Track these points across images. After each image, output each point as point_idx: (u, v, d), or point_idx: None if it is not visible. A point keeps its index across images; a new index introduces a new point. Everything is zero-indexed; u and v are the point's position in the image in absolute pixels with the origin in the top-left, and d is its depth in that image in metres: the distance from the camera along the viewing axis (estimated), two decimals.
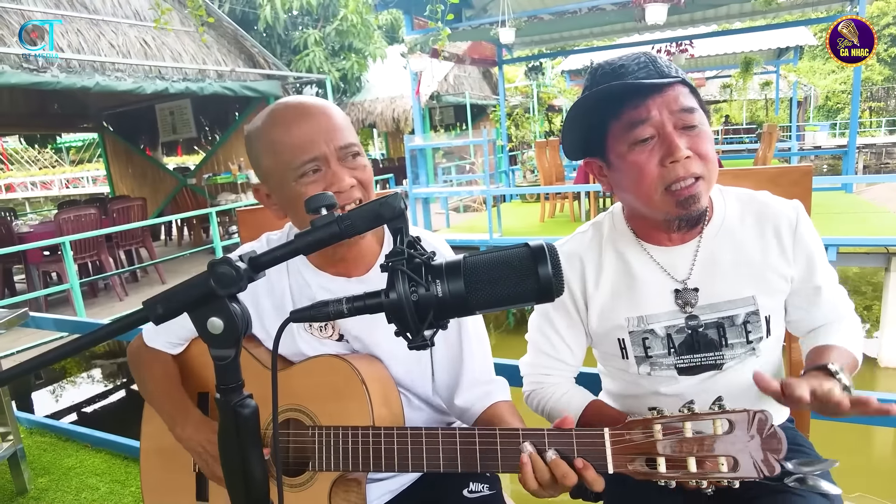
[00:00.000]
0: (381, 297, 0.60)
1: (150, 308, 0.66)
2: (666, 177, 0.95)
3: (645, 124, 0.94)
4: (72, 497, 2.65)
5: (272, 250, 0.62)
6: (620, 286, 1.10)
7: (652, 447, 0.78)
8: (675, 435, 0.77)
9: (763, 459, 0.74)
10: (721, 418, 0.75)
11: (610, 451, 0.80)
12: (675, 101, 0.94)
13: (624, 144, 0.97)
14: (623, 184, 1.02)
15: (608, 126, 0.99)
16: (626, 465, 0.79)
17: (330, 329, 1.13)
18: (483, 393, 1.13)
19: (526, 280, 0.60)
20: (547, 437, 0.84)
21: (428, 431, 0.91)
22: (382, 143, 19.62)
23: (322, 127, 1.00)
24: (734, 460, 0.74)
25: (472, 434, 0.88)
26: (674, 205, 0.96)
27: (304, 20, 14.42)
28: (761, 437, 0.74)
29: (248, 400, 0.66)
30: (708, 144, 0.96)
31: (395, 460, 0.92)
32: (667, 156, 0.94)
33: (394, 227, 0.60)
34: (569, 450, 0.82)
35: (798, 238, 1.05)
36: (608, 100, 0.96)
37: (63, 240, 5.37)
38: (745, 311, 1.05)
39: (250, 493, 0.67)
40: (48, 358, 0.70)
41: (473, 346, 1.15)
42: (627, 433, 0.80)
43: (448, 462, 0.89)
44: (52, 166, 27.26)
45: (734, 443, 0.74)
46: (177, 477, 1.18)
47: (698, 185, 0.96)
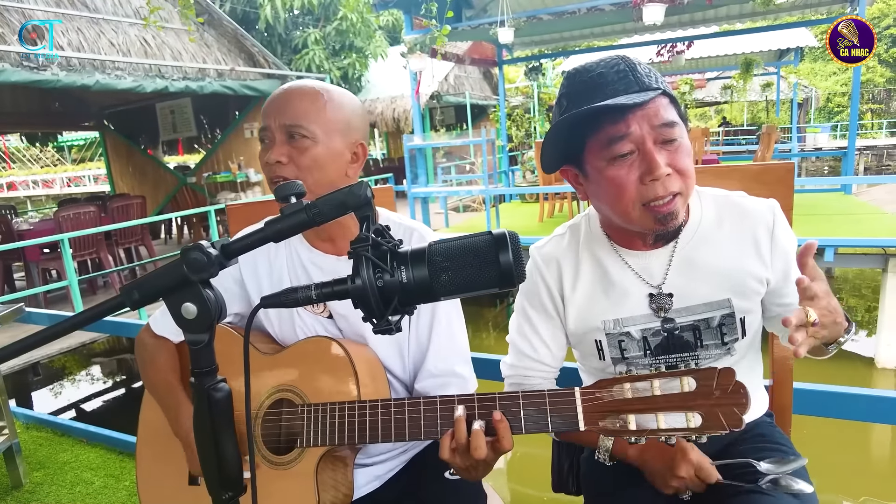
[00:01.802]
0: (348, 283, 0.62)
1: (126, 293, 0.68)
2: (645, 194, 0.94)
3: (625, 140, 0.92)
4: (66, 491, 2.68)
5: (243, 237, 0.64)
6: (597, 289, 1.11)
7: (621, 405, 0.81)
8: (644, 393, 0.80)
9: (729, 414, 0.76)
10: (688, 376, 0.78)
11: (581, 410, 0.83)
12: (656, 116, 0.92)
13: (602, 159, 0.95)
14: (600, 197, 1.01)
15: (586, 139, 0.97)
16: (597, 422, 0.82)
17: (321, 306, 1.19)
18: (441, 382, 1.16)
19: (488, 267, 0.61)
20: (522, 400, 0.87)
21: (411, 401, 0.94)
22: (383, 143, 19.65)
23: (279, 103, 1.11)
24: (701, 416, 0.77)
25: (451, 401, 0.91)
26: (652, 221, 0.96)
27: (305, 19, 14.46)
28: (726, 392, 0.76)
29: (221, 384, 0.68)
30: (687, 159, 0.95)
31: (379, 431, 0.95)
32: (647, 173, 0.93)
33: (360, 215, 0.62)
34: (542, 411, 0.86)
35: (775, 242, 1.05)
36: (586, 114, 0.94)
37: (62, 237, 5.39)
38: (721, 314, 1.05)
39: (223, 473, 0.69)
40: (30, 342, 0.73)
41: (442, 340, 1.17)
42: (597, 392, 0.83)
43: (429, 430, 0.92)
44: (53, 165, 27.32)
45: (701, 399, 0.77)
46: (170, 463, 1.20)
47: (676, 202, 0.95)
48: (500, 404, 0.87)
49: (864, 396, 1.38)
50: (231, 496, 0.70)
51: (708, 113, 27.51)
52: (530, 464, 3.41)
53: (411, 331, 1.18)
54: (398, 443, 1.20)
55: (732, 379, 0.76)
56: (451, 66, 12.40)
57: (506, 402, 0.87)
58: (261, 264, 1.22)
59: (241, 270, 1.23)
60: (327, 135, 1.10)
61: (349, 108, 1.15)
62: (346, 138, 1.13)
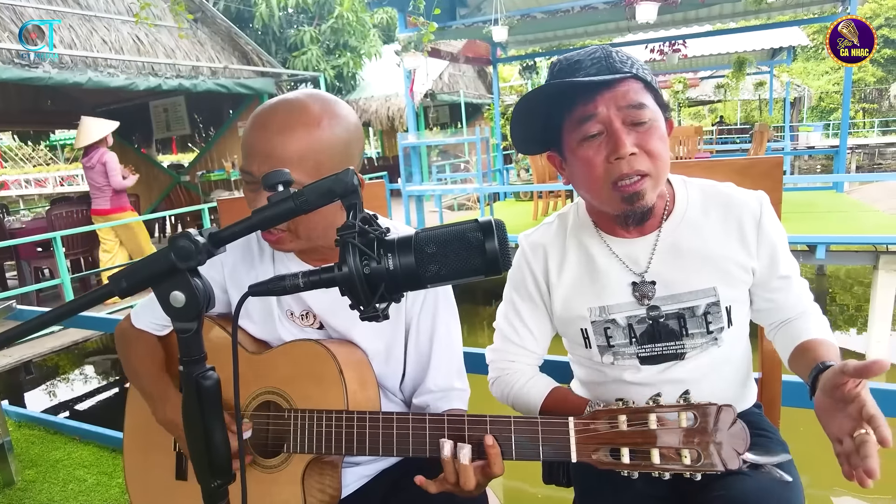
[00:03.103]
0: (335, 270, 0.62)
1: (115, 282, 0.68)
2: (611, 173, 0.96)
3: (593, 120, 0.96)
4: (58, 489, 2.67)
5: (231, 226, 0.65)
6: (583, 277, 1.12)
7: (616, 437, 0.79)
8: (640, 426, 0.77)
9: (726, 453, 0.74)
10: (686, 411, 0.76)
11: (574, 441, 0.81)
12: (624, 97, 0.95)
13: (575, 140, 0.99)
14: (575, 178, 1.04)
15: (563, 121, 1.01)
16: (590, 454, 0.80)
17: (311, 318, 1.15)
18: (440, 396, 1.15)
19: (474, 254, 0.62)
20: (513, 426, 0.86)
21: (399, 416, 0.94)
22: (378, 142, 19.63)
23: (261, 147, 0.96)
24: (697, 453, 0.75)
25: (441, 420, 0.90)
26: (619, 200, 0.98)
27: (300, 18, 14.43)
28: (725, 430, 0.74)
29: (210, 372, 0.69)
30: (658, 142, 0.97)
31: (367, 444, 0.94)
32: (612, 152, 0.95)
33: (347, 202, 0.62)
34: (533, 438, 0.84)
35: (762, 231, 1.06)
36: (561, 96, 0.98)
37: (54, 235, 5.37)
38: (706, 302, 1.06)
39: (213, 461, 0.69)
40: (21, 330, 0.73)
41: (442, 353, 1.16)
42: (592, 423, 0.81)
43: (417, 447, 0.91)
44: (46, 164, 27.14)
45: (698, 436, 0.75)
46: (158, 456, 1.20)
47: (644, 183, 0.97)
48: (492, 428, 0.86)
49: None
50: (220, 484, 0.71)
51: (702, 112, 27.60)
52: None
53: (411, 346, 1.16)
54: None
55: (732, 417, 0.75)
56: (446, 64, 12.41)
57: (497, 427, 0.86)
58: (249, 278, 1.15)
59: (226, 283, 1.18)
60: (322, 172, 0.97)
61: (345, 140, 1.00)
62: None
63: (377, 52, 14.28)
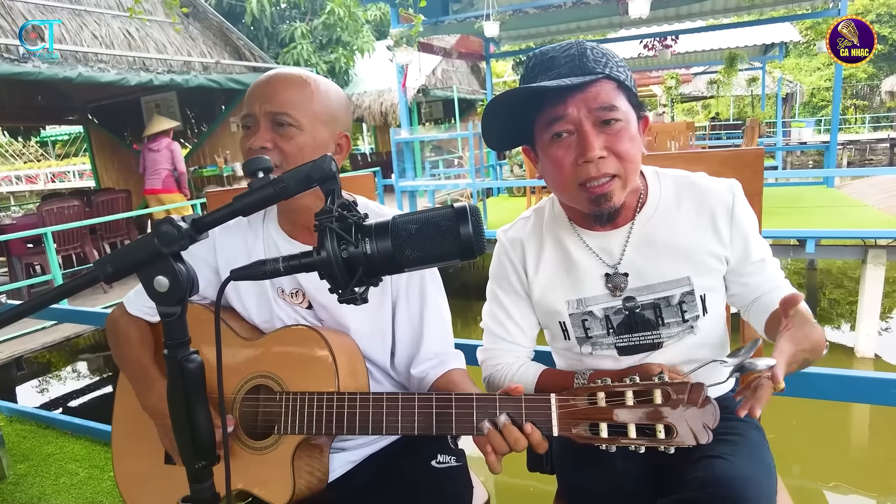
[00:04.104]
0: (314, 255, 0.64)
1: (100, 267, 0.69)
2: (579, 174, 0.98)
3: (563, 121, 0.97)
4: (50, 482, 2.68)
5: (213, 212, 0.66)
6: (559, 270, 1.14)
7: (595, 413, 0.83)
8: (618, 402, 0.82)
9: (697, 427, 0.79)
10: (660, 388, 0.80)
11: (556, 416, 0.85)
12: (595, 99, 0.95)
13: (545, 139, 1.00)
14: (545, 175, 1.06)
15: (535, 119, 1.02)
16: (570, 429, 0.84)
17: (300, 297, 1.19)
18: (438, 362, 1.19)
19: (449, 239, 0.64)
20: (498, 403, 0.89)
21: (389, 396, 0.96)
22: (371, 138, 19.58)
23: (265, 91, 1.09)
24: (671, 427, 0.79)
25: (430, 399, 0.93)
26: (587, 201, 1.00)
27: (292, 13, 14.37)
28: (696, 406, 0.79)
29: (193, 355, 0.70)
30: (627, 143, 0.97)
31: (357, 424, 0.97)
32: (580, 154, 0.96)
33: (326, 188, 0.64)
34: (518, 414, 0.87)
35: (735, 221, 1.07)
36: (532, 95, 0.98)
37: (45, 230, 5.35)
38: (681, 292, 1.08)
39: (196, 443, 0.71)
40: (13, 313, 0.74)
41: (433, 322, 1.21)
42: (573, 399, 0.85)
43: (406, 425, 0.93)
44: (37, 160, 26.94)
45: (672, 411, 0.79)
46: (147, 443, 1.21)
47: (612, 184, 0.98)
48: (478, 406, 0.89)
49: (831, 376, 1.42)
50: (204, 465, 0.72)
51: (695, 108, 27.68)
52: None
53: (403, 321, 1.21)
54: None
55: (702, 393, 0.79)
56: (439, 60, 12.38)
57: (483, 404, 0.89)
58: (240, 255, 1.22)
59: (216, 259, 1.23)
60: (313, 125, 1.10)
61: (335, 100, 1.15)
62: (331, 129, 1.13)
63: (370, 47, 14.23)
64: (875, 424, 4.06)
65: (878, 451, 3.78)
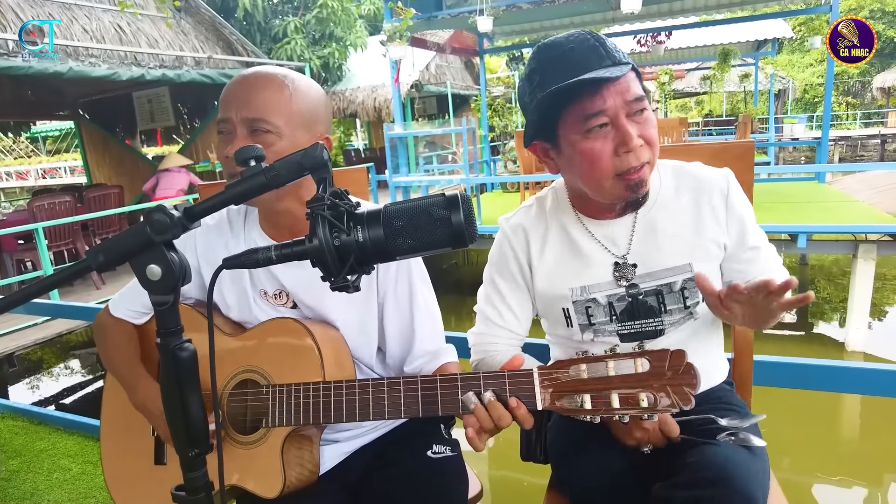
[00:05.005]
0: (305, 243, 0.64)
1: (92, 256, 0.69)
2: (619, 166, 0.99)
3: (602, 114, 0.97)
4: (43, 478, 2.67)
5: (205, 200, 0.66)
6: (564, 258, 1.15)
7: (578, 385, 0.84)
8: (599, 373, 0.83)
9: (680, 394, 0.80)
10: (641, 358, 0.81)
11: (539, 389, 0.86)
12: (628, 91, 0.97)
13: (577, 133, 0.99)
14: (573, 170, 1.05)
15: (560, 113, 1.00)
16: (554, 401, 0.85)
17: (284, 297, 1.17)
18: (431, 357, 1.19)
19: (441, 227, 0.64)
20: (482, 380, 0.89)
21: (374, 382, 0.96)
22: (364, 133, 19.53)
23: (240, 93, 1.04)
24: (653, 396, 0.80)
25: (415, 381, 0.94)
26: (623, 189, 1.01)
27: (285, 8, 14.29)
28: (677, 373, 0.80)
29: (186, 344, 0.70)
30: (653, 129, 1.01)
31: (344, 411, 0.97)
32: (621, 145, 0.97)
33: (318, 177, 0.64)
34: (502, 390, 0.88)
35: (730, 207, 1.11)
36: (566, 88, 0.96)
37: (36, 226, 5.31)
38: (683, 278, 1.10)
39: (190, 432, 0.71)
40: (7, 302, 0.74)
41: (424, 319, 1.20)
42: (555, 372, 0.86)
43: (392, 409, 0.94)
44: (27, 156, 26.73)
45: (653, 380, 0.81)
46: (135, 442, 1.22)
47: (645, 170, 1.01)
48: (462, 385, 0.90)
49: (821, 367, 1.44)
50: (198, 453, 0.73)
51: (688, 104, 27.74)
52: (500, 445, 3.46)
53: (392, 318, 1.19)
54: (364, 422, 1.22)
55: (683, 360, 0.80)
56: (433, 55, 12.36)
57: (468, 383, 0.90)
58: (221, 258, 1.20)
59: (198, 262, 1.21)
60: (291, 129, 1.05)
61: (314, 100, 1.10)
62: (310, 132, 1.09)
63: (363, 42, 14.18)
64: (865, 416, 4.10)
65: (867, 442, 3.82)
